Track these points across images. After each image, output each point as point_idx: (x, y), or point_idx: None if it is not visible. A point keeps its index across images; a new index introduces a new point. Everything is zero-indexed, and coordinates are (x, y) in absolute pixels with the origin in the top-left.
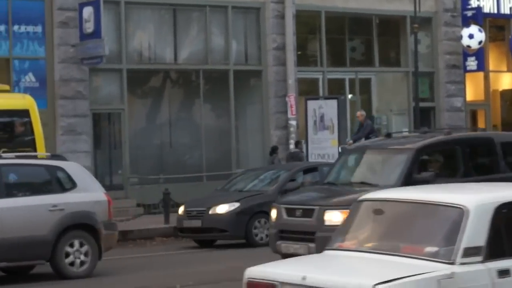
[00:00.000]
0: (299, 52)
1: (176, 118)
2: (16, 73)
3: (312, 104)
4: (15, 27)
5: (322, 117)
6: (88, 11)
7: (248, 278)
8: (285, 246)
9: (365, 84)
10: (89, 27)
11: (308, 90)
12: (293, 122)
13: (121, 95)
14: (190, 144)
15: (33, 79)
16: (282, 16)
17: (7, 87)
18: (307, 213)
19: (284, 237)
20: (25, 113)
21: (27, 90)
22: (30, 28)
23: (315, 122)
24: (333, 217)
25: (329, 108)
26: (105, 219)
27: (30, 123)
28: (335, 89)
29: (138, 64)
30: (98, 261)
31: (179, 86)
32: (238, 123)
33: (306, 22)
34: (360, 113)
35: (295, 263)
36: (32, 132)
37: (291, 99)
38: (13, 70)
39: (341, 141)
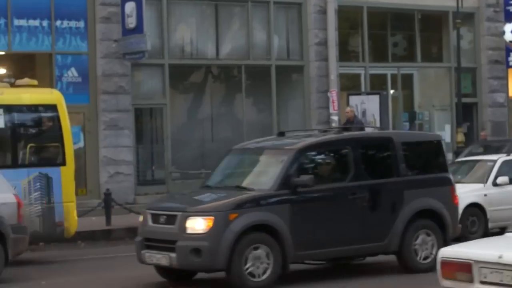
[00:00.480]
0: (341, 48)
1: (217, 113)
2: (58, 68)
3: (354, 100)
4: (58, 22)
5: (364, 113)
6: (130, 6)
7: (442, 257)
8: (148, 255)
9: (407, 80)
10: (131, 22)
11: (350, 86)
12: (335, 118)
13: (163, 90)
14: (232, 139)
15: (76, 74)
16: (324, 11)
17: (35, 82)
18: (170, 220)
19: (149, 245)
20: (53, 108)
21: (69, 85)
22: (72, 23)
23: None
24: (196, 224)
25: (371, 103)
26: (14, 222)
27: (58, 118)
28: (377, 85)
29: (180, 59)
30: (4, 266)
31: (221, 81)
32: (280, 118)
33: (348, 17)
34: (350, 109)
35: (486, 243)
36: (60, 127)
37: (333, 95)
38: (55, 65)
39: None
